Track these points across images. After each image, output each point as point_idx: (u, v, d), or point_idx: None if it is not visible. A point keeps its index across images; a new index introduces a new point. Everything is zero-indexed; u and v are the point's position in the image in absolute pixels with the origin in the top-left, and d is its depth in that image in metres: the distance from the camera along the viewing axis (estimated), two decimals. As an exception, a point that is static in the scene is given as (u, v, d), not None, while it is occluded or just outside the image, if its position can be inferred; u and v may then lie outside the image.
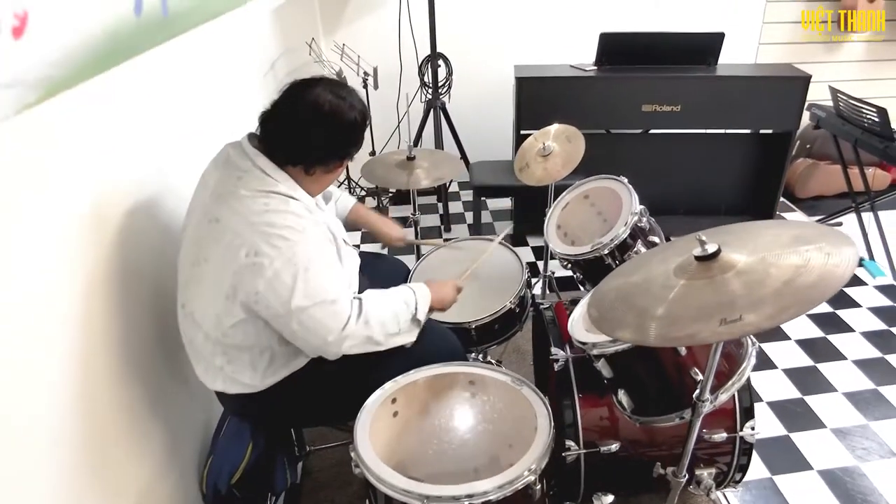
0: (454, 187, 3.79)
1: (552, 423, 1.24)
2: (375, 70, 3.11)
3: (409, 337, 1.41)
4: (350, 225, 1.86)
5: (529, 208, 2.07)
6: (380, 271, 1.84)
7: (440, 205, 3.50)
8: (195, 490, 1.74)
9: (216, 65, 2.05)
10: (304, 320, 1.23)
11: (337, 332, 1.26)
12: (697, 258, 0.93)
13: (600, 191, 1.79)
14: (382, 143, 3.50)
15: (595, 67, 2.79)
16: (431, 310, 1.47)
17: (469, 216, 3.48)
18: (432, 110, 3.22)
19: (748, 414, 1.48)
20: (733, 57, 3.12)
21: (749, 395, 1.49)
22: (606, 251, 1.59)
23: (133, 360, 1.36)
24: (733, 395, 1.39)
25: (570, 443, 1.47)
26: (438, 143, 3.24)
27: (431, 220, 3.50)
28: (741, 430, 1.46)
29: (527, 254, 3.07)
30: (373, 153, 3.40)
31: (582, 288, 1.80)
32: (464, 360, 1.67)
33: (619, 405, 1.32)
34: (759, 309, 0.77)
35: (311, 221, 1.26)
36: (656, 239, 1.65)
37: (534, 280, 2.32)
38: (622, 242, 1.60)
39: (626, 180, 1.70)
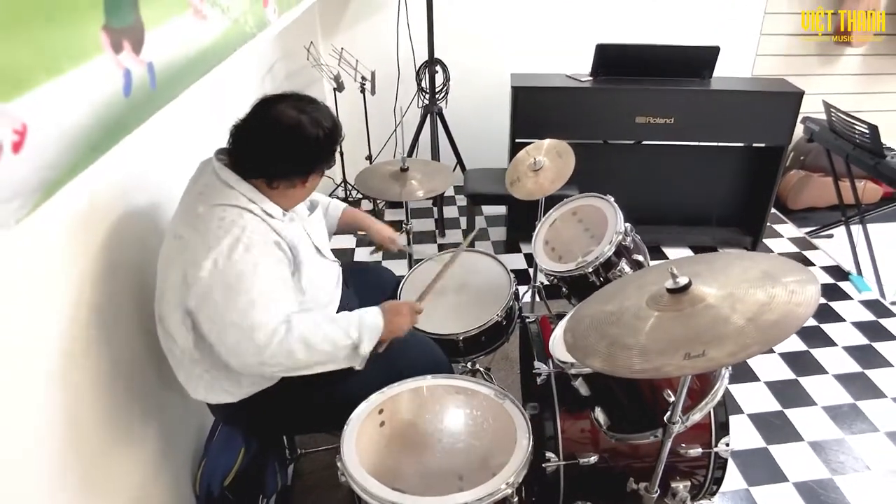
0: (450, 191, 3.82)
1: (531, 438, 1.29)
2: (373, 74, 3.14)
3: (347, 364, 1.39)
4: (343, 229, 1.89)
5: (523, 216, 2.11)
6: (367, 283, 1.87)
7: (435, 209, 3.54)
8: (189, 492, 1.78)
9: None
10: (226, 340, 1.25)
11: (254, 357, 1.26)
12: (669, 290, 0.98)
13: (588, 208, 1.83)
14: (378, 147, 3.54)
15: (591, 78, 2.83)
16: (382, 342, 1.44)
17: (463, 221, 3.52)
18: (429, 116, 3.26)
19: (723, 429, 1.53)
20: (730, 67, 3.16)
21: (724, 411, 1.54)
22: (590, 269, 1.63)
23: (124, 363, 1.39)
24: (709, 411, 1.44)
25: (550, 454, 1.52)
26: (434, 149, 3.28)
27: (426, 225, 3.54)
28: (716, 445, 1.51)
29: (519, 261, 3.12)
30: (369, 157, 3.44)
31: (568, 302, 1.85)
32: (449, 372, 1.72)
33: (596, 422, 1.36)
34: (722, 346, 0.81)
35: (262, 240, 1.27)
36: (640, 257, 1.69)
37: (524, 288, 2.37)
38: (606, 261, 1.65)
39: (612, 199, 1.74)
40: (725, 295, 0.93)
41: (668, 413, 1.12)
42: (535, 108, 2.81)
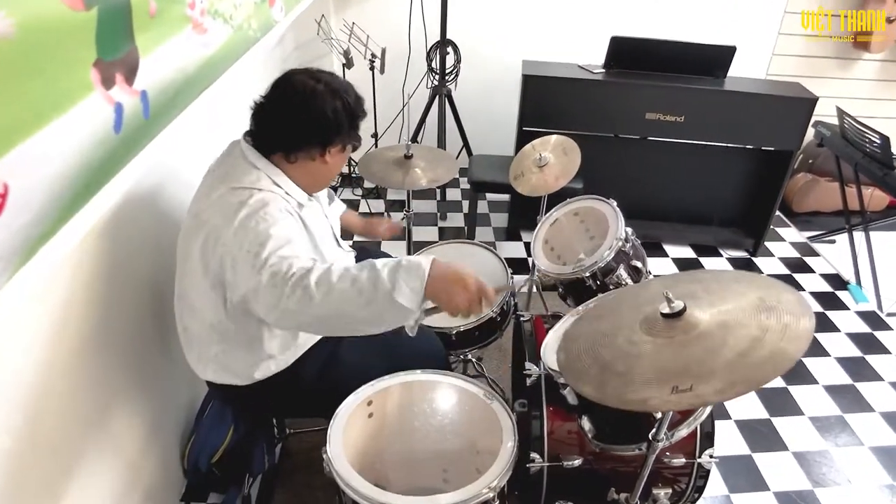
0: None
1: (516, 442, 1.30)
2: (383, 52, 3.09)
3: (392, 318, 1.15)
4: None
5: (526, 204, 2.08)
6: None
7: (438, 191, 3.52)
8: (177, 465, 1.82)
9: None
10: (249, 282, 1.16)
11: (273, 296, 1.14)
12: (663, 315, 0.97)
13: (590, 210, 1.81)
14: (385, 125, 3.49)
15: (603, 70, 2.78)
16: (430, 309, 1.19)
17: (465, 205, 3.50)
18: (437, 97, 3.22)
19: (709, 440, 1.53)
20: (745, 65, 3.10)
21: (711, 422, 1.54)
22: (588, 273, 1.62)
23: (114, 333, 1.40)
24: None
25: (535, 455, 1.53)
26: (441, 131, 3.25)
27: (428, 207, 3.52)
28: (699, 456, 1.52)
29: (519, 249, 3.11)
30: (375, 136, 3.40)
31: (564, 302, 1.84)
32: (445, 365, 1.73)
33: (582, 429, 1.37)
34: (710, 381, 0.81)
35: (283, 213, 1.24)
36: (639, 263, 1.68)
37: (522, 278, 2.36)
38: (605, 266, 1.64)
39: (615, 203, 1.73)
40: (719, 324, 0.93)
41: (654, 430, 1.12)
42: (544, 98, 2.77)
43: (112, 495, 1.44)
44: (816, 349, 2.52)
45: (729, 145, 2.86)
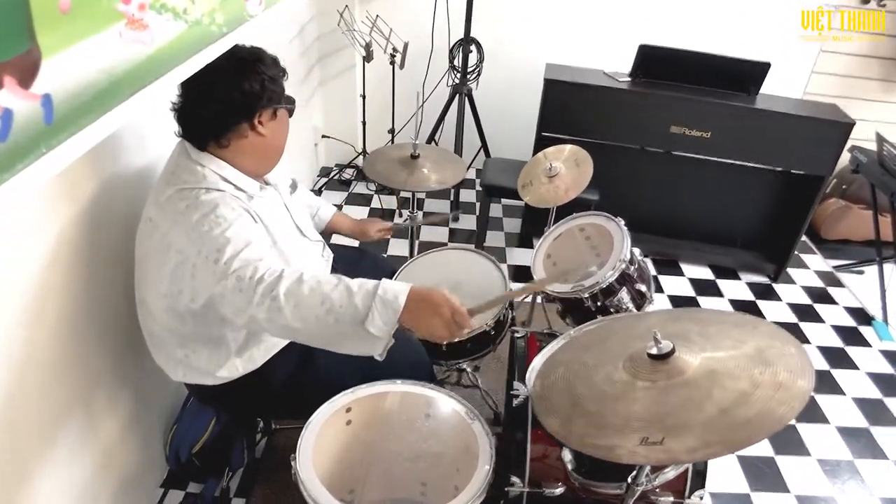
0: (471, 173, 3.72)
1: (492, 468, 1.24)
2: (405, 46, 3.03)
3: (359, 343, 1.14)
4: (330, 231, 1.88)
5: (542, 211, 1.99)
6: (358, 270, 1.82)
7: (452, 191, 3.45)
8: (160, 451, 1.80)
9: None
10: (213, 292, 1.14)
11: (243, 302, 1.11)
12: (650, 355, 0.89)
13: (597, 227, 1.73)
14: (402, 122, 3.44)
15: (629, 79, 2.68)
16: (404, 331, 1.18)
17: (479, 207, 3.43)
18: (458, 96, 3.14)
19: (700, 479, 1.45)
20: (781, 83, 2.95)
21: (705, 463, 1.46)
22: (587, 294, 1.54)
23: (95, 318, 1.39)
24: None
25: (515, 479, 1.46)
26: (459, 131, 3.18)
27: (441, 206, 3.46)
28: (689, 496, 1.43)
29: (529, 257, 3.02)
30: (392, 131, 3.35)
31: (562, 320, 1.77)
32: (430, 376, 1.67)
33: (563, 461, 1.30)
34: (684, 437, 0.73)
35: (235, 213, 1.19)
36: (643, 287, 1.59)
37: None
38: (607, 287, 1.56)
39: (622, 223, 1.64)
40: (708, 372, 0.85)
41: (635, 472, 1.05)
42: (565, 104, 2.68)
43: (84, 476, 1.43)
44: (832, 387, 2.39)
45: (756, 165, 2.73)
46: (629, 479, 1.06)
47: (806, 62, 3.22)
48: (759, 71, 2.51)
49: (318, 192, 3.51)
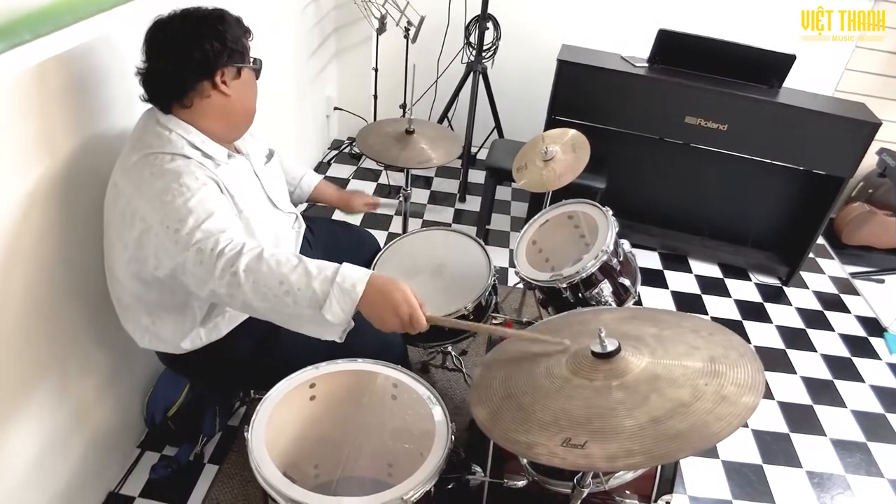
0: (483, 154, 3.65)
1: (445, 455, 1.21)
2: (421, 20, 2.95)
3: (314, 326, 1.13)
4: (315, 200, 1.85)
5: (552, 196, 1.95)
6: (340, 245, 1.80)
7: (462, 171, 3.38)
8: (139, 412, 1.81)
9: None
10: (174, 263, 1.14)
11: (205, 273, 1.10)
12: (593, 353, 0.85)
13: (585, 215, 1.67)
14: (416, 96, 3.37)
15: (646, 65, 2.57)
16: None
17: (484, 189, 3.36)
18: (472, 74, 3.07)
19: (668, 485, 1.40)
20: (812, 78, 2.81)
21: (674, 467, 1.41)
22: (564, 284, 1.49)
23: (73, 278, 1.40)
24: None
25: (476, 468, 1.44)
26: (472, 109, 3.11)
27: (450, 186, 3.41)
28: (654, 501, 1.38)
29: (532, 243, 2.96)
30: (403, 107, 3.29)
31: (543, 309, 1.71)
32: (400, 357, 1.64)
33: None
34: (607, 443, 0.69)
35: (199, 182, 1.17)
36: (627, 281, 1.53)
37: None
38: (587, 278, 1.50)
39: (610, 212, 1.57)
40: (651, 377, 0.80)
41: (580, 474, 1.01)
42: (578, 87, 2.59)
43: (57, 430, 1.45)
44: (833, 397, 2.30)
45: (774, 162, 2.61)
46: (575, 480, 1.02)
47: (838, 58, 3.05)
48: (783, 63, 2.38)
49: (328, 165, 3.49)
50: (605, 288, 1.49)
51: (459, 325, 1.35)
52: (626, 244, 1.60)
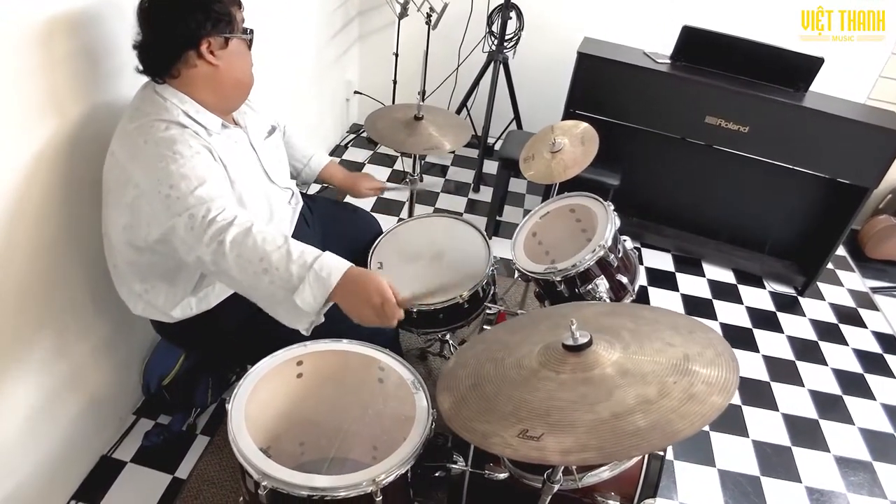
0: (500, 145, 3.61)
1: (423, 439, 1.20)
2: (444, 7, 2.93)
3: (286, 314, 1.14)
4: (322, 181, 1.86)
5: (565, 189, 1.91)
6: (340, 226, 1.79)
7: (477, 161, 3.35)
8: (137, 380, 1.84)
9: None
10: (180, 223, 1.14)
11: (194, 239, 1.12)
12: (564, 346, 0.82)
13: (586, 208, 1.63)
14: (434, 85, 3.35)
15: (669, 62, 2.51)
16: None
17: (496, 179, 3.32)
18: (493, 63, 3.03)
19: (651, 490, 1.37)
20: (844, 84, 2.71)
21: (659, 470, 1.37)
22: (559, 278, 1.46)
23: (74, 241, 1.43)
24: (641, 462, 1.29)
25: (458, 457, 1.42)
26: (491, 98, 3.07)
27: (466, 176, 3.38)
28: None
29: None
30: (422, 93, 3.26)
31: (539, 302, 1.69)
32: (392, 341, 1.63)
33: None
34: (562, 437, 0.67)
35: (189, 146, 1.18)
36: (625, 279, 1.50)
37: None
38: (583, 273, 1.47)
39: (611, 207, 1.54)
40: (619, 371, 0.77)
41: (549, 470, 0.99)
42: (597, 81, 2.54)
43: (51, 390, 1.48)
44: (842, 414, 2.23)
45: (796, 168, 2.53)
46: (544, 476, 1.00)
47: (872, 65, 2.94)
48: (810, 66, 2.30)
49: (345, 148, 3.49)
50: (601, 284, 1.46)
51: (425, 298, 1.42)
52: (627, 241, 1.57)
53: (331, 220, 1.76)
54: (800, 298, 2.79)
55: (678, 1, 2.96)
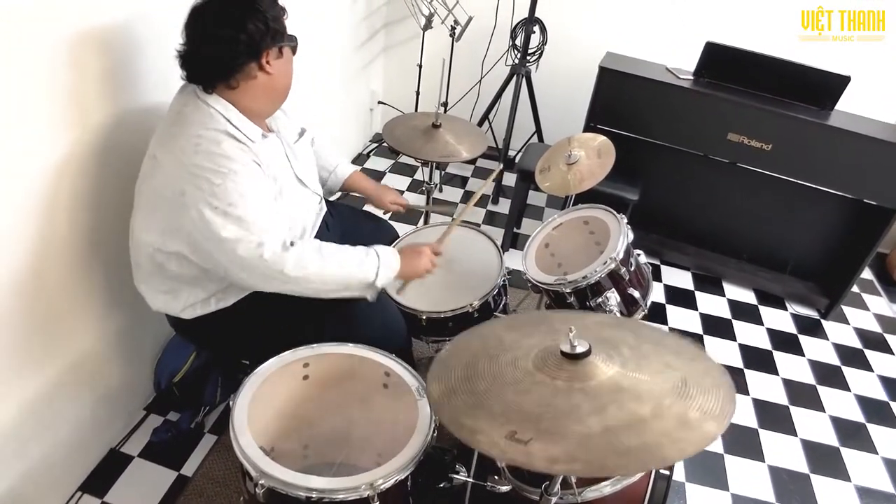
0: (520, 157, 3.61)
1: (424, 447, 1.19)
2: (469, 20, 2.95)
3: (360, 294, 1.41)
4: (346, 190, 1.87)
5: (581, 199, 1.90)
6: (358, 229, 1.80)
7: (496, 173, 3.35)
8: (149, 376, 1.86)
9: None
10: (232, 257, 1.22)
11: (269, 271, 1.26)
12: (562, 353, 0.81)
13: (600, 221, 1.62)
14: (456, 97, 3.37)
15: (692, 77, 2.49)
16: (403, 283, 1.55)
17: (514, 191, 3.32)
18: (515, 77, 3.04)
19: (657, 508, 1.34)
20: (873, 103, 2.65)
21: (665, 490, 1.34)
22: (569, 289, 1.45)
23: (102, 233, 1.47)
24: (647, 479, 1.26)
25: (460, 467, 1.41)
26: (513, 111, 3.08)
27: (486, 188, 3.37)
28: (641, 522, 1.32)
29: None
30: (444, 105, 3.29)
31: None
32: (405, 346, 1.63)
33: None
34: (551, 444, 0.66)
35: (242, 162, 1.21)
36: (636, 294, 1.47)
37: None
38: (594, 285, 1.45)
39: (624, 220, 1.52)
40: (615, 387, 0.76)
41: (547, 482, 0.97)
42: (618, 95, 2.53)
43: (63, 380, 1.51)
44: (863, 442, 2.15)
45: (820, 188, 2.48)
46: (542, 488, 0.98)
47: (904, 83, 2.87)
48: (836, 84, 2.26)
49: (367, 157, 3.52)
50: (612, 297, 1.44)
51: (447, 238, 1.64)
52: (641, 255, 1.55)
53: (350, 226, 1.77)
54: (823, 321, 2.72)
55: (681, 9, 2.94)
